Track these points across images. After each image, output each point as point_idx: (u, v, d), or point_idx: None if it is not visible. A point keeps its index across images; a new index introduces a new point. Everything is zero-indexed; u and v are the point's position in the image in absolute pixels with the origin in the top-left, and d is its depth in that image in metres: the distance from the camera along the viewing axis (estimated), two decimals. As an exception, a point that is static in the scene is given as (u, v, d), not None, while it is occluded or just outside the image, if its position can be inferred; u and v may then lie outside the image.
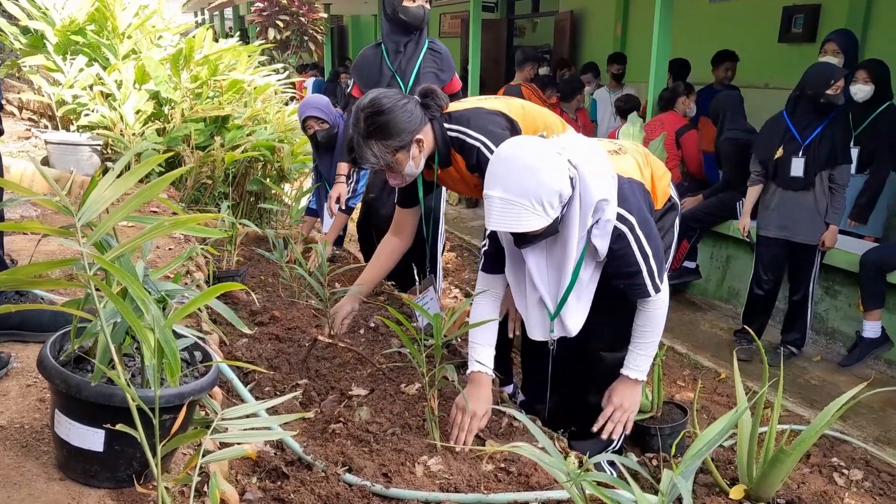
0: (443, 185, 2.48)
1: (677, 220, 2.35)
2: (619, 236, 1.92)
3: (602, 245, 1.91)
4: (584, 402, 2.33)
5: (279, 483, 1.65)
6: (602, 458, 2.03)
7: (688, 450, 1.48)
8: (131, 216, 1.22)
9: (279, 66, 6.65)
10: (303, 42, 12.13)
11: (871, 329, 3.79)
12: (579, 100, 6.17)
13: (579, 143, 1.99)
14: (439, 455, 1.89)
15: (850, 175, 3.84)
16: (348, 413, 2.07)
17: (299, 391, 2.20)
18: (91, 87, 4.31)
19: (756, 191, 4.04)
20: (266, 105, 4.90)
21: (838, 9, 5.62)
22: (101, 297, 1.18)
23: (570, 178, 1.82)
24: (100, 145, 4.01)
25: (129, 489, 1.30)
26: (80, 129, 4.20)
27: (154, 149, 3.87)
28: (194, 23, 14.22)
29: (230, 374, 1.96)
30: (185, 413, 1.25)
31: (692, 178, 5.16)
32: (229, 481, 1.56)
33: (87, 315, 1.25)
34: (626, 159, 2.12)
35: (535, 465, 1.84)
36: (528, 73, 6.27)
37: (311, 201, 4.38)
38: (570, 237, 1.89)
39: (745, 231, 4.21)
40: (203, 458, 1.22)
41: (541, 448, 1.37)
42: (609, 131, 6.02)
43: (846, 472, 2.47)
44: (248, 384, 2.16)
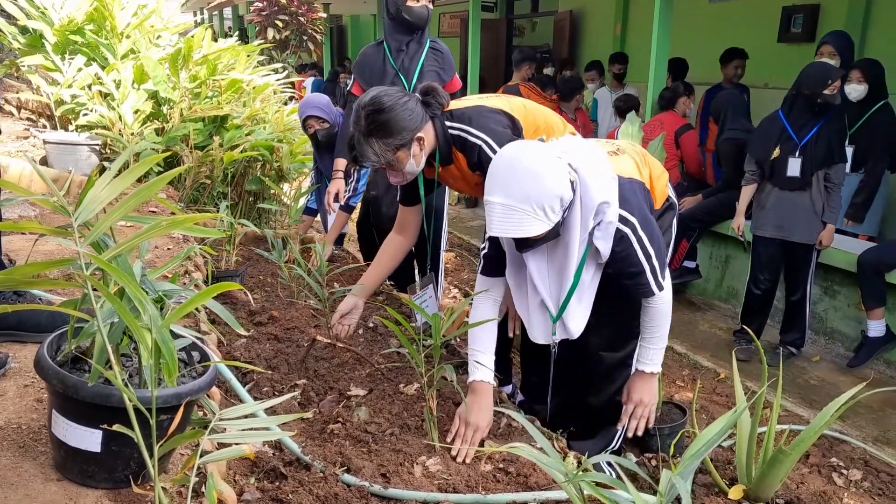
0: (443, 184, 2.47)
1: (675, 220, 2.35)
2: (622, 238, 1.92)
3: (605, 247, 1.91)
4: (583, 403, 2.32)
5: (277, 483, 1.65)
6: (602, 459, 2.03)
7: (686, 450, 1.47)
8: (129, 216, 1.22)
9: (278, 65, 6.65)
10: (302, 42, 12.14)
11: (876, 328, 3.79)
12: (578, 100, 6.17)
13: (579, 146, 1.99)
14: (438, 455, 1.88)
15: (845, 174, 3.85)
16: (347, 413, 2.07)
17: (298, 391, 2.19)
18: (89, 86, 4.30)
19: (750, 190, 4.05)
20: (265, 105, 4.89)
21: (837, 9, 5.62)
22: (98, 296, 1.18)
23: (571, 182, 1.82)
24: (98, 145, 4.00)
25: (126, 490, 1.30)
26: (79, 129, 4.19)
27: (153, 148, 3.87)
28: (193, 22, 14.21)
29: (228, 374, 1.96)
30: (182, 413, 1.25)
31: (691, 178, 5.16)
32: (227, 482, 1.56)
33: (84, 315, 1.25)
34: (625, 160, 2.12)
35: (533, 465, 1.84)
36: (525, 72, 6.27)
37: (310, 200, 4.38)
38: (572, 240, 1.89)
39: (740, 230, 4.21)
40: (201, 458, 1.22)
41: (539, 448, 1.37)
42: (609, 131, 6.02)
43: (845, 472, 2.47)
44: (246, 384, 2.16)
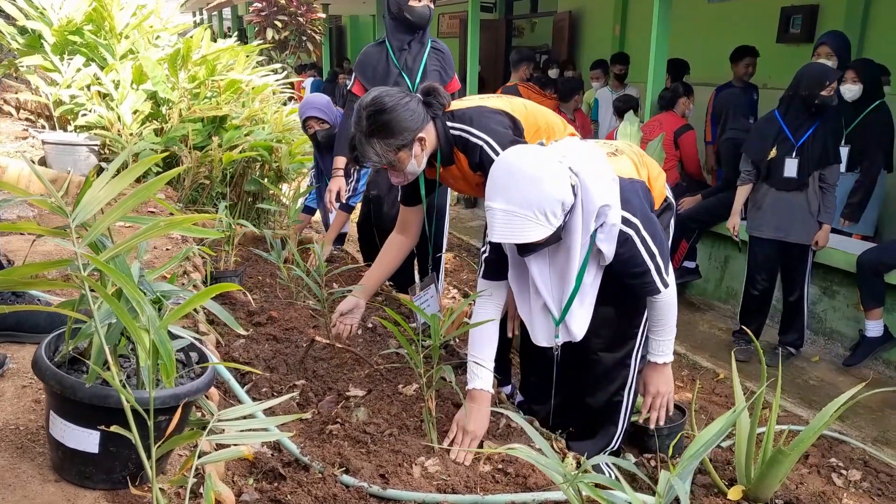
0: (444, 184, 2.47)
1: (673, 220, 2.35)
2: (626, 240, 1.91)
3: (608, 249, 1.90)
4: (582, 403, 2.32)
5: (276, 484, 1.65)
6: (601, 460, 2.03)
7: (685, 451, 1.48)
8: (127, 216, 1.21)
9: (277, 66, 6.64)
10: (301, 42, 12.14)
11: (874, 328, 3.80)
12: (577, 100, 6.17)
13: (579, 148, 1.99)
14: (437, 456, 1.88)
15: (839, 174, 3.86)
16: (346, 414, 2.07)
17: (296, 392, 2.19)
18: (88, 87, 4.30)
19: (746, 190, 4.05)
20: (264, 105, 4.89)
21: (836, 9, 5.63)
22: (95, 297, 1.18)
23: (573, 186, 1.82)
24: (97, 145, 4.00)
25: (124, 491, 1.30)
26: (78, 130, 4.19)
27: (151, 149, 3.86)
28: (192, 23, 14.21)
29: (227, 374, 1.96)
30: (180, 414, 1.24)
31: (690, 178, 5.16)
32: (225, 482, 1.56)
33: (81, 316, 1.25)
34: (623, 160, 2.12)
35: (532, 465, 1.84)
36: (523, 73, 6.27)
37: (308, 198, 4.38)
38: (573, 243, 1.89)
39: (735, 230, 4.20)
40: (199, 459, 1.21)
41: (537, 449, 1.37)
42: (609, 131, 6.02)
43: (844, 472, 2.47)
44: (245, 385, 2.16)
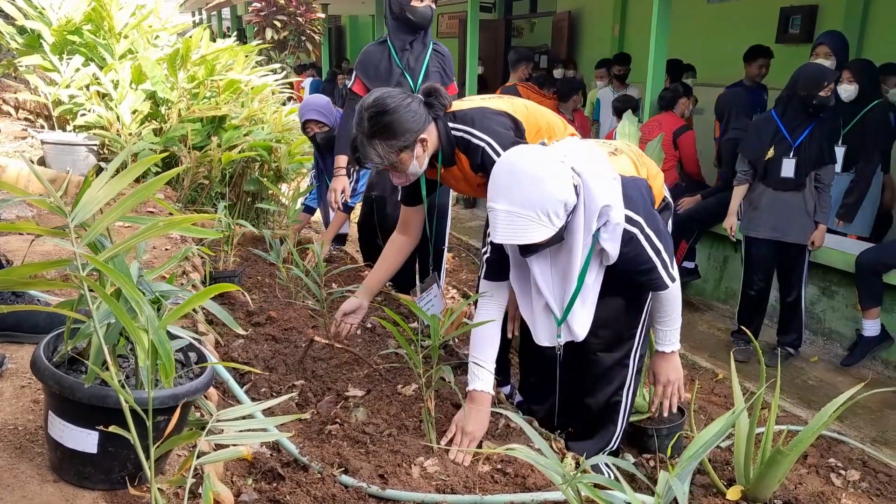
0: (445, 185, 2.47)
1: (671, 220, 2.36)
2: (631, 239, 1.92)
3: (613, 249, 1.90)
4: (582, 403, 2.32)
5: (275, 484, 1.65)
6: (599, 460, 2.03)
7: (684, 451, 1.48)
8: (126, 216, 1.21)
9: (276, 66, 6.63)
10: (300, 42, 12.12)
11: (871, 327, 3.81)
12: (576, 100, 6.17)
13: (580, 148, 1.99)
14: (436, 456, 1.88)
15: (834, 174, 3.88)
16: (345, 414, 2.07)
17: (295, 392, 2.19)
18: (87, 86, 4.30)
19: (742, 190, 4.05)
20: (263, 105, 4.89)
21: (835, 9, 5.63)
22: (94, 297, 1.18)
23: (575, 186, 1.81)
24: (96, 145, 4.00)
25: (123, 491, 1.29)
26: (77, 129, 4.18)
27: (150, 149, 3.86)
28: (191, 23, 14.22)
29: (226, 374, 1.96)
30: (179, 414, 1.24)
31: (690, 178, 5.16)
32: (224, 483, 1.56)
33: (80, 316, 1.24)
34: (623, 160, 2.12)
35: (531, 466, 1.84)
36: (522, 72, 6.26)
37: (308, 198, 4.37)
38: (575, 243, 1.88)
39: (732, 231, 4.20)
40: (198, 459, 1.21)
41: (537, 450, 1.37)
42: (609, 131, 6.02)
43: (843, 472, 2.47)
44: (244, 385, 2.15)
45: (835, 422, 2.72)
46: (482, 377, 2.05)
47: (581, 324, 2.02)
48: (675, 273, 2.06)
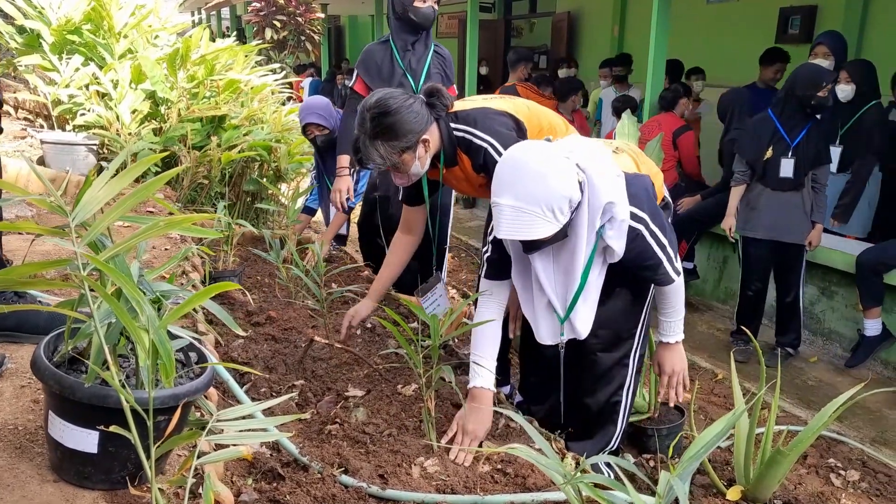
0: (447, 185, 2.47)
1: (670, 220, 2.36)
2: (637, 236, 1.92)
3: (619, 246, 1.90)
4: (581, 403, 2.32)
5: (275, 484, 1.64)
6: (599, 460, 2.03)
7: (686, 451, 1.47)
8: (126, 216, 1.21)
9: (276, 66, 6.63)
10: (300, 42, 12.13)
11: (873, 327, 3.81)
12: (574, 100, 6.16)
13: (585, 145, 1.99)
14: (436, 456, 1.88)
15: (829, 174, 3.89)
16: (345, 414, 2.07)
17: (295, 392, 2.19)
18: (87, 86, 4.29)
19: (740, 191, 4.05)
20: (263, 105, 4.89)
21: (835, 10, 5.64)
22: (95, 297, 1.17)
23: (580, 183, 1.81)
24: (96, 145, 4.00)
25: (123, 491, 1.29)
26: (76, 129, 4.18)
27: (150, 148, 3.86)
28: (191, 23, 14.21)
29: (226, 374, 1.95)
30: (180, 414, 1.24)
31: (689, 179, 5.16)
32: (224, 483, 1.56)
33: (81, 316, 1.24)
34: (624, 158, 2.12)
35: (531, 466, 1.84)
36: (521, 73, 6.26)
37: (309, 199, 4.37)
38: (579, 240, 1.88)
39: (731, 232, 4.19)
40: (198, 459, 1.21)
41: (537, 449, 1.37)
42: (609, 131, 6.02)
43: (843, 472, 2.47)
44: (243, 385, 2.15)
45: (834, 422, 2.72)
46: (483, 374, 2.05)
47: (584, 321, 2.01)
48: (680, 267, 2.07)
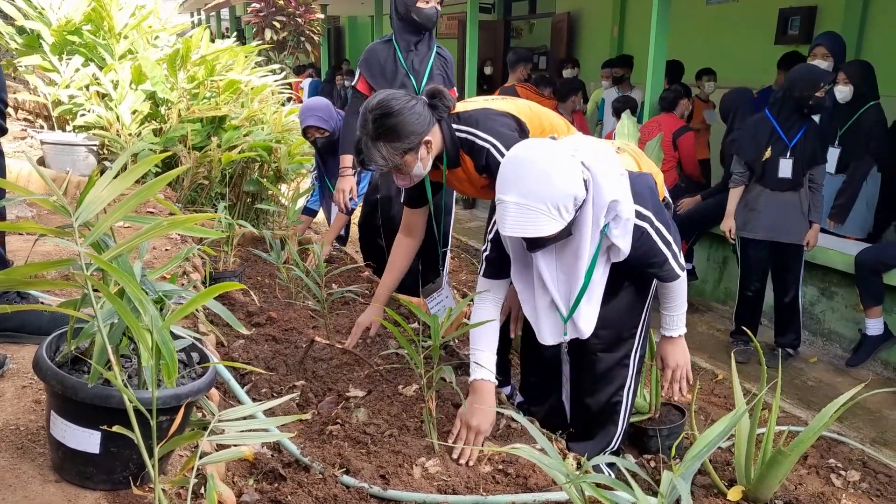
0: (449, 186, 2.47)
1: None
2: (642, 234, 1.92)
3: (625, 244, 1.90)
4: (582, 404, 2.32)
5: (276, 485, 1.64)
6: (600, 460, 2.03)
7: (688, 451, 1.47)
8: (129, 216, 1.21)
9: (276, 66, 6.65)
10: (299, 43, 12.14)
11: (874, 326, 3.81)
12: (574, 101, 6.17)
13: (589, 144, 1.99)
14: (437, 457, 1.88)
15: (825, 174, 3.90)
16: (346, 414, 2.07)
17: (296, 392, 2.19)
18: (87, 87, 4.29)
19: (739, 192, 4.05)
20: (263, 106, 4.89)
21: (834, 10, 5.64)
22: (97, 297, 1.17)
23: (584, 181, 1.81)
24: (96, 145, 3.99)
25: (125, 491, 1.29)
26: (76, 130, 4.18)
27: (151, 149, 3.86)
28: (191, 23, 14.21)
29: (227, 375, 1.96)
30: (182, 414, 1.24)
31: (689, 180, 5.16)
32: (226, 483, 1.56)
33: (83, 316, 1.24)
34: (626, 157, 2.13)
35: (533, 466, 1.84)
36: (521, 73, 6.26)
37: (310, 200, 4.37)
38: (583, 239, 1.88)
39: (731, 233, 4.18)
40: (200, 459, 1.21)
41: (540, 449, 1.37)
42: (609, 131, 6.03)
43: (843, 473, 2.47)
44: (244, 385, 2.15)
45: (835, 422, 2.73)
46: (483, 368, 2.05)
47: (587, 321, 2.01)
48: (683, 262, 2.09)
